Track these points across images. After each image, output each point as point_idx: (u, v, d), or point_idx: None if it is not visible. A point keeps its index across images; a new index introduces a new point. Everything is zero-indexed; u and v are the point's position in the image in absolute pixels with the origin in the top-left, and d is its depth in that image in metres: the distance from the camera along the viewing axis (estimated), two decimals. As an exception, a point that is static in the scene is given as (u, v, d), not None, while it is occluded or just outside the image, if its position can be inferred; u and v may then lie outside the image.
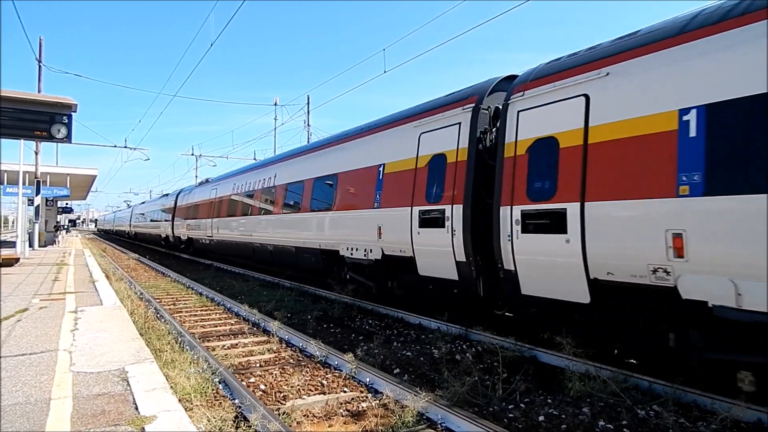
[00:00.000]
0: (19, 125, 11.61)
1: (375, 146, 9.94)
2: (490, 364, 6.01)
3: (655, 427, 4.33)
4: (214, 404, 4.71)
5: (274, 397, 5.12)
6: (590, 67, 5.88)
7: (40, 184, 21.58)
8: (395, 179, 8.93)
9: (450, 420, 4.32)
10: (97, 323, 6.59)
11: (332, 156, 11.65)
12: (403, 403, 4.64)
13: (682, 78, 4.92)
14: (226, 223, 18.82)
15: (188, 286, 14.14)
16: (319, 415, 4.60)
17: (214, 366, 5.67)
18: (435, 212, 7.77)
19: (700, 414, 4.50)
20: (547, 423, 4.48)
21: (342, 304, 10.28)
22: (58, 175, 26.33)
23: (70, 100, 12.19)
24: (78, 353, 5.07)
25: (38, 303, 8.15)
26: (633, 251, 5.08)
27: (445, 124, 7.99)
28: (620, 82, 5.49)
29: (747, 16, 4.55)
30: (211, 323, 9.04)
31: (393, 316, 9.24)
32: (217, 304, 11.13)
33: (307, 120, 29.03)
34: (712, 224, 4.46)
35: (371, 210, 9.43)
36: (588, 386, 5.08)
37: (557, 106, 6.13)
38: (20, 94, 11.96)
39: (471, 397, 5.00)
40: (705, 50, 4.79)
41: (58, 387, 4.03)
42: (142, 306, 9.88)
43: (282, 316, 9.23)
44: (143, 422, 3.32)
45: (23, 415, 3.43)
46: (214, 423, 4.09)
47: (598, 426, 4.39)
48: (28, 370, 4.45)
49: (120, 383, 4.14)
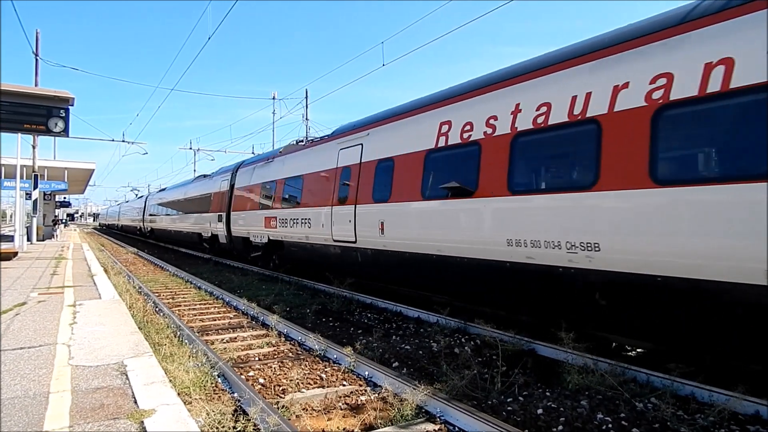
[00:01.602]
0: (17, 119, 11.56)
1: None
2: (489, 358, 6.02)
3: (653, 419, 4.34)
4: (213, 398, 4.71)
5: (273, 390, 5.13)
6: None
7: (37, 177, 21.54)
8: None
9: (449, 413, 4.33)
10: (95, 317, 6.59)
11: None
12: (402, 397, 4.64)
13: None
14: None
15: (187, 280, 14.13)
16: (318, 408, 4.61)
17: (213, 360, 5.67)
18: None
19: (697, 406, 4.51)
20: (546, 416, 4.49)
21: (341, 297, 10.29)
22: (56, 169, 26.28)
23: (67, 93, 12.14)
24: (76, 347, 5.06)
25: (37, 297, 8.14)
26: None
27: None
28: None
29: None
30: (210, 317, 9.05)
31: (392, 310, 9.25)
32: (215, 297, 11.13)
33: (305, 114, 28.96)
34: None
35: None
36: (586, 379, 5.09)
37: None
38: (17, 88, 11.91)
39: (470, 390, 5.00)
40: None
41: (57, 381, 4.02)
42: (141, 300, 9.88)
43: (281, 309, 9.23)
44: (142, 416, 3.32)
45: (22, 408, 3.43)
46: (213, 416, 4.09)
47: (596, 419, 4.40)
48: (26, 364, 4.45)
49: (119, 377, 4.14)
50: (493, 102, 7.10)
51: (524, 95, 6.62)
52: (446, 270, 7.78)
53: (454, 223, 7.51)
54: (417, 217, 8.38)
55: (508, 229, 6.53)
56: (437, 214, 7.83)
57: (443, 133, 7.88)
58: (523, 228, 6.33)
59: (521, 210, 6.44)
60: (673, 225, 4.82)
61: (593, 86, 5.74)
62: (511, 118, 6.67)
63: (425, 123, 8.44)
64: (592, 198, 5.55)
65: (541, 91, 6.41)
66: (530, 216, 6.31)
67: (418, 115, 8.80)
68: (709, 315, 4.77)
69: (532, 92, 6.52)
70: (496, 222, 6.77)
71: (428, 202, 8.02)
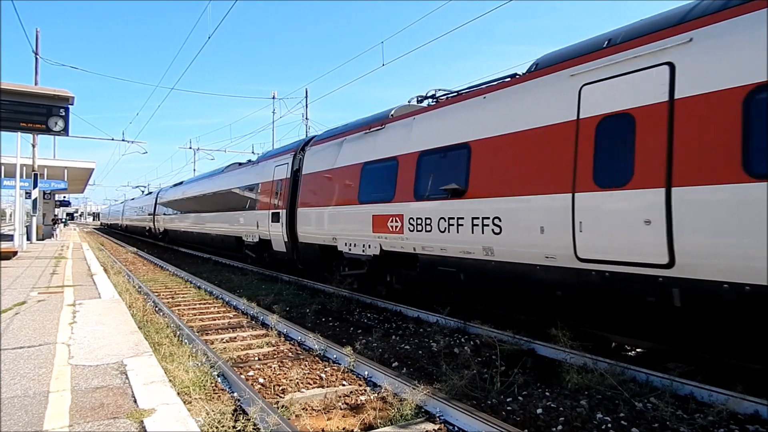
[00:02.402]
0: (17, 118, 11.55)
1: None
2: (489, 357, 6.02)
3: (652, 419, 4.34)
4: (212, 397, 4.71)
5: (273, 390, 5.13)
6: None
7: (37, 177, 21.51)
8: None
9: (448, 413, 4.33)
10: (95, 316, 6.59)
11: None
12: (401, 397, 4.65)
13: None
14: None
15: (187, 280, 14.14)
16: (318, 408, 4.61)
17: (213, 359, 5.67)
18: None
19: (697, 406, 4.51)
20: (545, 415, 4.49)
21: (341, 297, 10.29)
22: (56, 168, 26.25)
23: (67, 92, 12.12)
24: (76, 346, 5.06)
25: (36, 296, 8.14)
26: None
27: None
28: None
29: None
30: (210, 317, 9.05)
31: (391, 310, 9.26)
32: (215, 297, 11.14)
33: (305, 113, 28.95)
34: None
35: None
36: (586, 379, 5.09)
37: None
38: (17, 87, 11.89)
39: (469, 390, 5.01)
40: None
41: (57, 380, 4.03)
42: (141, 299, 9.88)
43: (280, 309, 9.24)
44: (142, 415, 3.32)
45: (22, 408, 3.43)
46: (213, 416, 4.09)
47: (595, 418, 4.40)
48: (26, 363, 4.45)
49: (119, 376, 4.14)
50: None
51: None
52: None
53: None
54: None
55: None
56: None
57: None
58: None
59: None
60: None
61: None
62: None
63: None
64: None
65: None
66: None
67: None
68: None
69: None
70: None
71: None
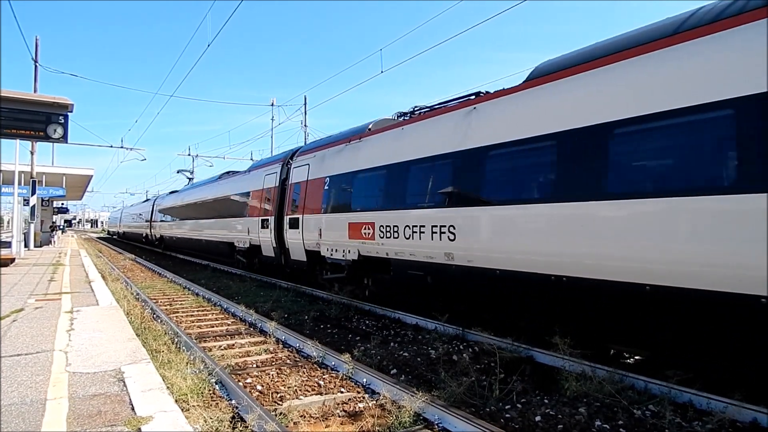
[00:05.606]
0: (16, 125, 11.56)
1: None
2: (487, 365, 6.01)
3: (651, 427, 4.34)
4: (210, 405, 4.69)
5: (271, 397, 5.11)
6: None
7: (35, 184, 21.49)
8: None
9: (447, 420, 4.32)
10: (93, 323, 6.57)
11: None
12: (400, 404, 4.64)
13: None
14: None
15: (185, 287, 14.09)
16: (316, 415, 4.60)
17: (211, 366, 5.65)
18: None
19: (695, 414, 4.51)
20: (544, 423, 4.49)
21: (339, 304, 10.28)
22: (54, 175, 26.24)
23: (67, 99, 12.15)
24: (74, 353, 5.05)
25: (34, 303, 8.12)
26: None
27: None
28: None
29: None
30: (208, 324, 9.02)
31: (390, 317, 9.24)
32: (213, 304, 11.11)
33: (304, 120, 29.03)
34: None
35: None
36: (584, 386, 5.08)
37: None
38: (16, 94, 11.92)
39: (468, 397, 5.00)
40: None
41: (54, 387, 4.01)
42: (139, 306, 9.85)
43: (279, 316, 9.21)
44: (140, 423, 3.31)
45: (19, 415, 3.42)
46: (210, 424, 4.08)
47: (594, 426, 4.40)
48: (23, 371, 4.43)
49: (116, 384, 4.13)
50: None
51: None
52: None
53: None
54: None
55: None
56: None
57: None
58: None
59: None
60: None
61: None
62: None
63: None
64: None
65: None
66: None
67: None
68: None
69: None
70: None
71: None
